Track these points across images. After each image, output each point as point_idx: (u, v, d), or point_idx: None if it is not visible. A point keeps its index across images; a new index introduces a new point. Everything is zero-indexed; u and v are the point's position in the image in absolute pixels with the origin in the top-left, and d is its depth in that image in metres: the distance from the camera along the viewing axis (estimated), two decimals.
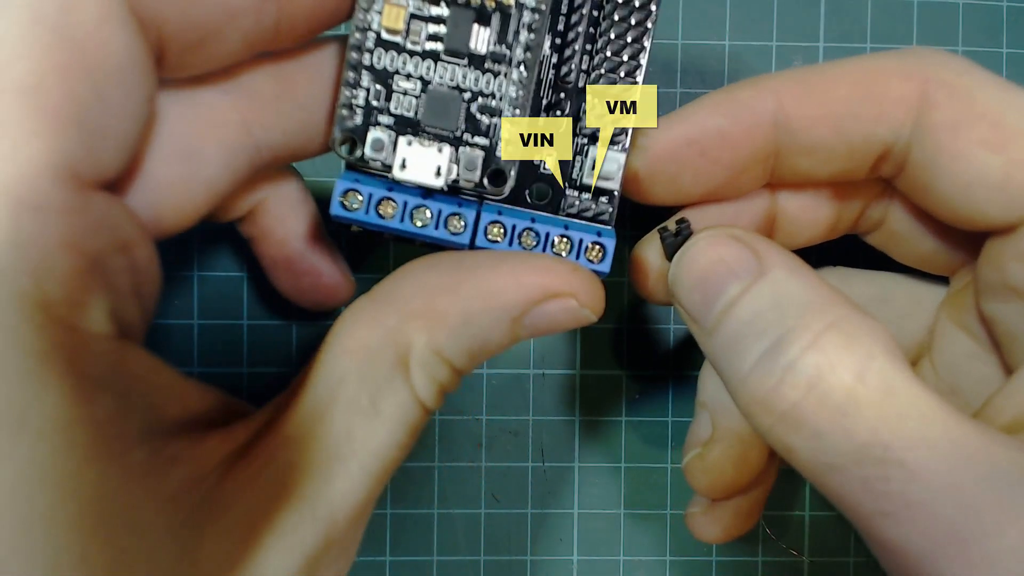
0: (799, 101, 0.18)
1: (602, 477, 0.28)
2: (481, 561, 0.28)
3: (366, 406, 0.16)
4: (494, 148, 0.18)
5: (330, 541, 0.16)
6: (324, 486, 0.15)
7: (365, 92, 0.18)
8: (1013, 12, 0.27)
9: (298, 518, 0.15)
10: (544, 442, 0.28)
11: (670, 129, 0.19)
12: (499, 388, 0.28)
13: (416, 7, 0.17)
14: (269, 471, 0.15)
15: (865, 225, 0.22)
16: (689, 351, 0.28)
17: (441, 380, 0.17)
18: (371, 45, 0.17)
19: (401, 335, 0.16)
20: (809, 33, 0.27)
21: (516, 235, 0.18)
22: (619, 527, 0.28)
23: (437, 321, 0.16)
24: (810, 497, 0.28)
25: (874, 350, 0.15)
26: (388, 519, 0.28)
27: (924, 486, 0.14)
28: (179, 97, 0.17)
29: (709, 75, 0.27)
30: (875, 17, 0.27)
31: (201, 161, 0.18)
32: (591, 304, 0.17)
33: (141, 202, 0.17)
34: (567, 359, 0.28)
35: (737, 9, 0.27)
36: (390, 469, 0.16)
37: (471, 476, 0.28)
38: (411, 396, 0.16)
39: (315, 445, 0.16)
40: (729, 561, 0.28)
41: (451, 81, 0.18)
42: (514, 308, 0.17)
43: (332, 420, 0.16)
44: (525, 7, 0.17)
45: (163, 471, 0.15)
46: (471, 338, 0.16)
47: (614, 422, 0.28)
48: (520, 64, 0.17)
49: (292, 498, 0.15)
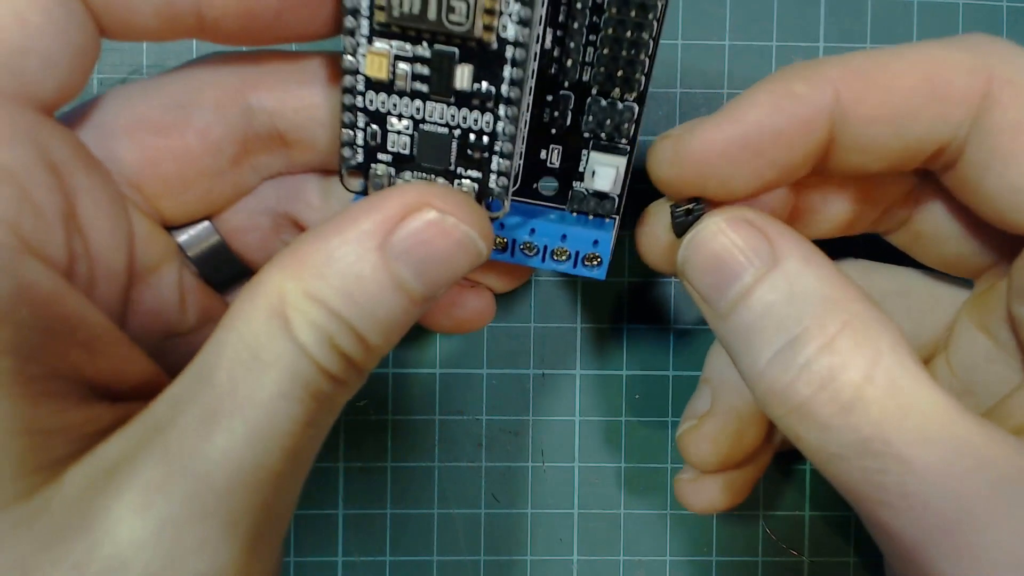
0: (859, 97, 0.17)
1: (602, 477, 0.28)
2: (481, 561, 0.28)
3: (247, 358, 0.15)
4: (487, 181, 0.18)
5: (205, 507, 0.14)
6: (201, 443, 0.14)
7: (363, 132, 0.18)
8: (1013, 12, 0.27)
9: (165, 475, 0.14)
10: (544, 442, 0.28)
11: (722, 130, 0.18)
12: (499, 388, 0.28)
13: (399, 49, 0.17)
14: (143, 427, 0.15)
15: (888, 223, 0.22)
16: (689, 351, 0.28)
17: (325, 328, 0.15)
18: (361, 88, 0.17)
19: (272, 286, 0.15)
20: (809, 33, 0.27)
21: (518, 247, 0.19)
22: (619, 527, 0.28)
23: (303, 265, 0.15)
24: (810, 497, 0.28)
25: (883, 347, 0.16)
26: (388, 519, 0.28)
27: (920, 479, 0.15)
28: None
29: (709, 75, 0.27)
30: (875, 17, 0.27)
31: (194, 111, 0.18)
32: (463, 217, 0.16)
33: (131, 146, 0.18)
34: (567, 359, 0.28)
35: (737, 9, 0.27)
36: (286, 430, 0.15)
37: (471, 476, 0.28)
38: (293, 344, 0.15)
39: (195, 402, 0.15)
40: (729, 561, 0.28)
41: (441, 119, 0.17)
42: (373, 232, 0.16)
43: (215, 378, 0.15)
44: (507, 42, 0.16)
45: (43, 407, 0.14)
46: (339, 274, 0.15)
47: (614, 422, 0.28)
48: (507, 100, 0.17)
49: (163, 453, 0.14)
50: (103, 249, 0.17)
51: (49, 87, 0.16)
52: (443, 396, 0.28)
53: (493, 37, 0.16)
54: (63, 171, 0.16)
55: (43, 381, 0.15)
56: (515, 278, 0.22)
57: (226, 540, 0.14)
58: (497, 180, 0.18)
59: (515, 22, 0.16)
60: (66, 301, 0.16)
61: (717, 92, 0.27)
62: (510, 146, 0.17)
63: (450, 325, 0.22)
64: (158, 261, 0.20)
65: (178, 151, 0.19)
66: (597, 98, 0.18)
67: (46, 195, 0.16)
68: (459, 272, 0.17)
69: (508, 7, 0.16)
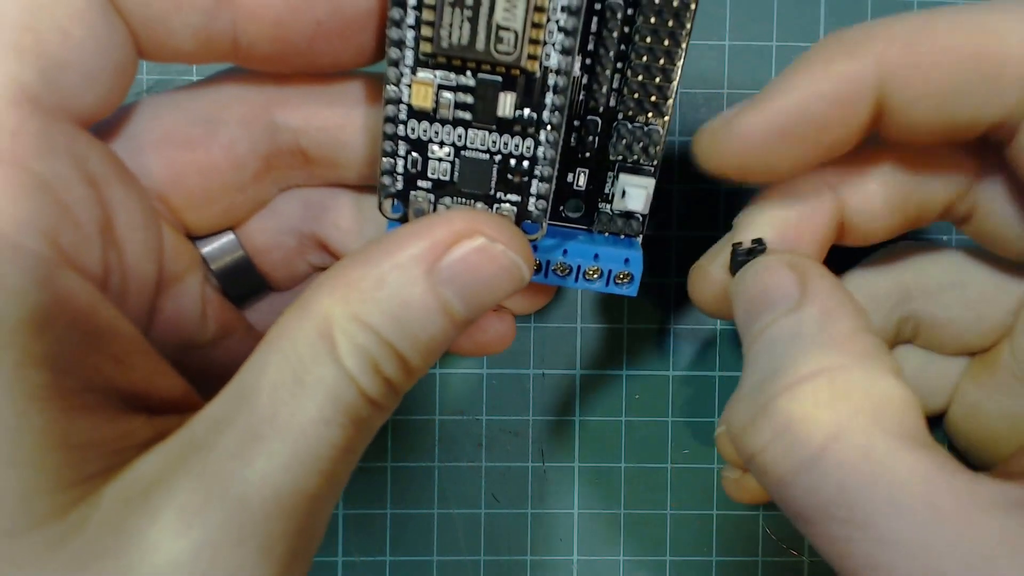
0: (903, 73, 0.16)
1: (602, 477, 0.28)
2: (481, 561, 0.28)
3: (290, 382, 0.15)
4: (526, 204, 0.18)
5: (242, 530, 0.14)
6: (240, 466, 0.14)
7: (403, 160, 0.18)
8: None
9: (203, 497, 0.14)
10: (544, 442, 0.28)
11: (762, 116, 0.17)
12: (499, 388, 0.28)
13: (443, 79, 0.17)
14: (180, 446, 0.15)
15: (955, 212, 0.20)
16: (689, 352, 0.28)
17: (371, 352, 0.15)
18: (404, 117, 0.18)
19: (320, 308, 0.15)
20: (809, 33, 0.27)
21: (551, 268, 0.20)
22: (619, 527, 0.28)
23: (351, 288, 0.16)
24: None
25: (860, 408, 0.14)
26: (388, 519, 0.28)
27: (890, 551, 0.13)
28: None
29: (709, 75, 0.27)
30: (875, 17, 0.27)
31: (220, 126, 0.19)
32: (509, 243, 0.16)
33: (159, 159, 0.18)
34: (567, 359, 0.28)
35: (737, 9, 0.27)
36: (324, 455, 0.15)
37: (471, 476, 0.28)
38: (338, 368, 0.15)
39: (235, 424, 0.15)
40: (729, 561, 0.28)
41: (482, 145, 0.18)
42: (422, 257, 0.16)
43: (256, 400, 0.15)
44: (550, 70, 0.17)
45: (79, 421, 0.14)
46: (388, 299, 0.15)
47: (614, 422, 0.28)
48: (548, 126, 0.17)
49: (201, 475, 0.14)
50: (135, 261, 0.17)
51: (87, 102, 0.16)
52: (443, 396, 0.28)
53: (537, 65, 0.17)
54: (100, 184, 0.16)
55: (78, 394, 0.14)
56: (536, 302, 0.22)
57: (262, 564, 0.14)
58: (536, 203, 0.18)
59: (558, 51, 0.17)
60: (101, 313, 0.16)
61: (717, 92, 0.27)
62: (549, 170, 0.18)
63: (471, 348, 0.22)
64: (182, 272, 0.20)
65: (204, 165, 0.19)
66: (624, 122, 0.19)
67: (84, 208, 0.16)
68: (501, 296, 0.17)
69: (552, 36, 0.16)
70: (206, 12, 0.16)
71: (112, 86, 0.16)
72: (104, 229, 0.16)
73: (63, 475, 0.14)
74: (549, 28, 0.16)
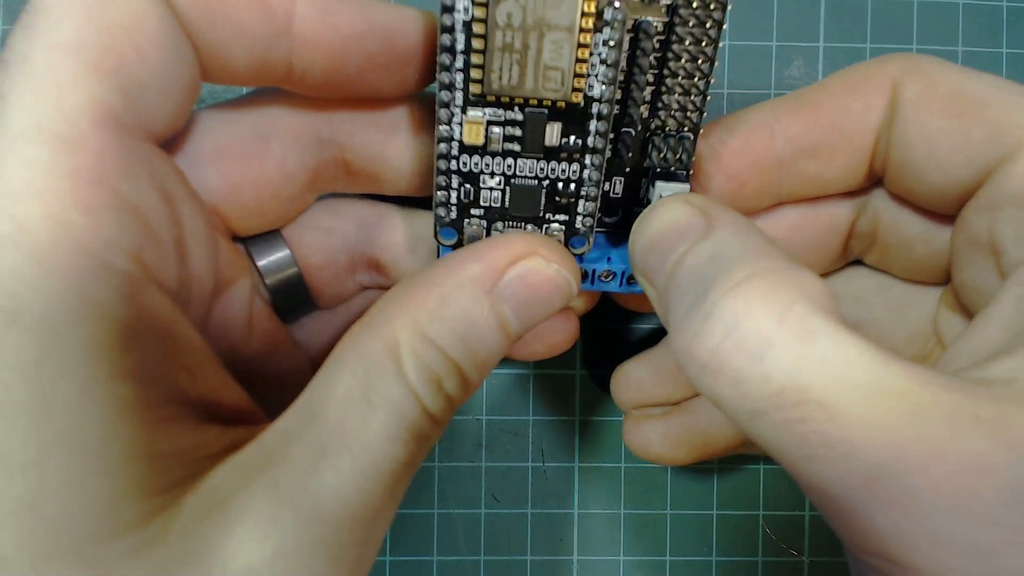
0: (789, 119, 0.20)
1: (602, 477, 0.28)
2: (481, 561, 0.28)
3: (358, 398, 0.16)
4: (573, 222, 0.19)
5: (314, 540, 0.15)
6: (311, 479, 0.15)
7: (457, 192, 0.19)
8: (1013, 12, 0.27)
9: (278, 508, 0.15)
10: (544, 442, 0.28)
11: (745, 150, 0.20)
12: (499, 388, 0.28)
13: (492, 115, 0.18)
14: (254, 458, 0.15)
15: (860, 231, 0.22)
16: None
17: (435, 369, 0.16)
18: (455, 153, 0.18)
19: (388, 327, 0.16)
20: (809, 33, 0.27)
21: (596, 276, 0.21)
22: (619, 527, 0.28)
23: (417, 308, 0.17)
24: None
25: (797, 297, 0.15)
26: None
27: (843, 425, 0.13)
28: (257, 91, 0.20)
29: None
30: (875, 17, 0.27)
31: (271, 142, 0.20)
32: (561, 263, 0.18)
33: (216, 173, 0.19)
34: (567, 359, 0.28)
35: (737, 9, 0.27)
36: (389, 470, 0.16)
37: (471, 476, 0.28)
38: (404, 387, 0.16)
39: (306, 438, 0.15)
40: (729, 561, 0.28)
41: (530, 173, 0.19)
42: (484, 277, 0.17)
43: (325, 415, 0.16)
44: (594, 100, 0.18)
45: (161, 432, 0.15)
46: (453, 318, 0.17)
47: (614, 422, 0.28)
48: (593, 150, 0.18)
49: (274, 486, 0.15)
50: (197, 273, 0.18)
51: (161, 121, 0.17)
52: None
53: (581, 97, 0.17)
54: (174, 201, 0.17)
55: (161, 406, 0.15)
56: (588, 305, 0.23)
57: (333, 572, 0.15)
58: (583, 221, 0.19)
59: (601, 82, 0.17)
60: (178, 327, 0.16)
61: (717, 92, 0.27)
62: (595, 190, 0.19)
63: (544, 351, 0.23)
64: (231, 280, 0.20)
65: (258, 179, 0.20)
66: (657, 132, 0.19)
67: (163, 225, 0.16)
68: (553, 312, 0.18)
69: (595, 69, 0.17)
70: (266, 40, 0.17)
71: (182, 105, 0.17)
72: (178, 244, 0.17)
73: (147, 484, 0.14)
74: (592, 62, 0.17)
